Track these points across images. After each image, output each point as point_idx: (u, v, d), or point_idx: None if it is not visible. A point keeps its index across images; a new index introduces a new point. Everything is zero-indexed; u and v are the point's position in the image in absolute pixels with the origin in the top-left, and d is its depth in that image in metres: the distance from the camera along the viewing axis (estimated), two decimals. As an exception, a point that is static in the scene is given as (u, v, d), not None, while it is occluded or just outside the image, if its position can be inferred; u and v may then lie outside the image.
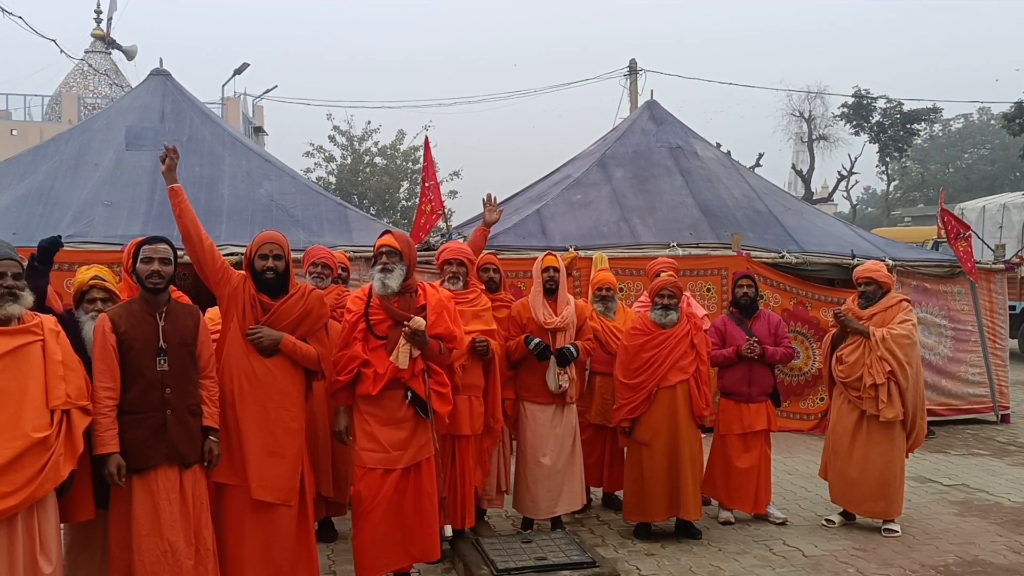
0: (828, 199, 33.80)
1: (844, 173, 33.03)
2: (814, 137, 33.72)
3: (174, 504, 3.74)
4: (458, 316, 4.70)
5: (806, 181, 32.38)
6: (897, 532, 5.68)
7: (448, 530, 4.56)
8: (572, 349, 5.40)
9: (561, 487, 5.45)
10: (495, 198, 5.95)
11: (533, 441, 5.46)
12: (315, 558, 4.31)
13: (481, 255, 5.72)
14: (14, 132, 24.22)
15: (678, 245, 9.23)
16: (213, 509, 3.99)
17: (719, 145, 14.13)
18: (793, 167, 34.90)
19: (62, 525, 3.63)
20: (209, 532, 3.88)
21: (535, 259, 5.75)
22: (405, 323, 4.30)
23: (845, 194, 35.57)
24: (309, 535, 4.29)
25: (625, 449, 5.82)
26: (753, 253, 9.23)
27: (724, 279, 8.94)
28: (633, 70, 18.50)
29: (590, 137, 12.93)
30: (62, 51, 18.71)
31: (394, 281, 4.39)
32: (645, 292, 6.44)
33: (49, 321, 3.55)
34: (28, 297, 3.48)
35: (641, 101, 15.04)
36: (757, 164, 28.40)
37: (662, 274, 5.80)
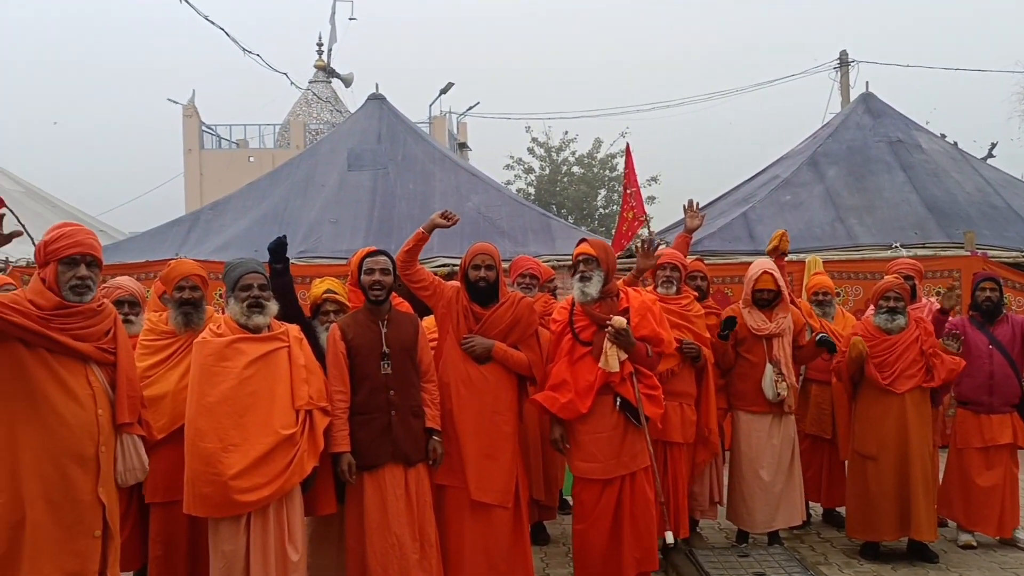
0: (1078, 190, 30.07)
1: (1097, 160, 29.29)
2: (1058, 122, 30.15)
3: (400, 501, 3.96)
4: (664, 319, 4.61)
5: (1050, 171, 29.04)
6: None
7: (669, 537, 4.48)
8: (828, 339, 5.16)
9: (779, 501, 5.22)
10: (697, 204, 5.83)
11: (749, 453, 5.27)
12: (530, 560, 4.40)
13: (690, 262, 5.62)
14: (251, 159, 26.79)
15: (901, 245, 8.63)
16: (435, 509, 4.19)
17: (944, 136, 13.06)
18: (1033, 156, 31.44)
19: (306, 518, 3.96)
20: (432, 528, 4.07)
21: (741, 264, 5.57)
22: (607, 323, 4.30)
23: (1099, 183, 31.53)
24: (524, 537, 4.38)
25: (847, 462, 5.49)
26: (990, 252, 8.44)
27: (955, 282, 8.21)
28: (844, 62, 17.46)
29: (795, 136, 12.37)
30: (292, 83, 20.51)
31: (593, 288, 4.39)
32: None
33: (294, 329, 3.89)
34: (273, 307, 3.84)
35: (854, 95, 14.19)
36: (990, 155, 25.81)
37: (887, 277, 5.43)
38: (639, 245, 5.77)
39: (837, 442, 5.65)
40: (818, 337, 5.18)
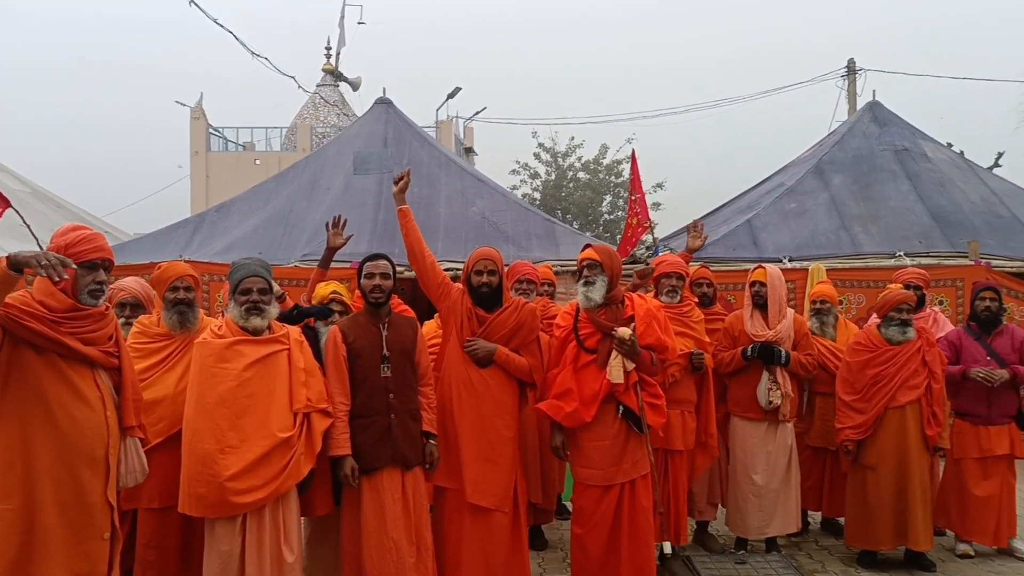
0: (1085, 200, 29.97)
1: (1105, 171, 29.21)
2: (1066, 132, 30.08)
3: (397, 504, 3.97)
4: (669, 326, 4.62)
5: (1057, 181, 28.93)
6: None
7: (667, 547, 4.49)
8: (781, 352, 5.15)
9: (774, 507, 5.23)
10: (701, 225, 5.86)
11: (744, 458, 5.29)
12: (527, 565, 4.40)
13: (695, 269, 5.65)
14: (257, 162, 26.91)
15: (905, 254, 8.61)
16: (435, 511, 4.19)
17: (950, 145, 13.03)
18: (1041, 166, 31.36)
19: (303, 519, 3.97)
20: (428, 531, 4.09)
21: (745, 271, 5.59)
22: (612, 332, 4.31)
23: (1107, 194, 31.44)
24: (522, 541, 4.39)
25: (847, 472, 5.49)
26: (994, 262, 8.41)
27: (959, 291, 8.20)
28: (851, 70, 17.43)
29: (801, 144, 12.36)
30: (300, 86, 20.59)
31: (596, 293, 4.39)
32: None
33: (295, 332, 3.91)
34: (272, 310, 3.85)
35: (861, 103, 14.19)
36: (996, 164, 25.76)
37: (891, 286, 5.43)
38: (689, 225, 5.81)
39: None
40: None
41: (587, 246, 4.61)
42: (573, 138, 30.91)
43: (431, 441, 4.12)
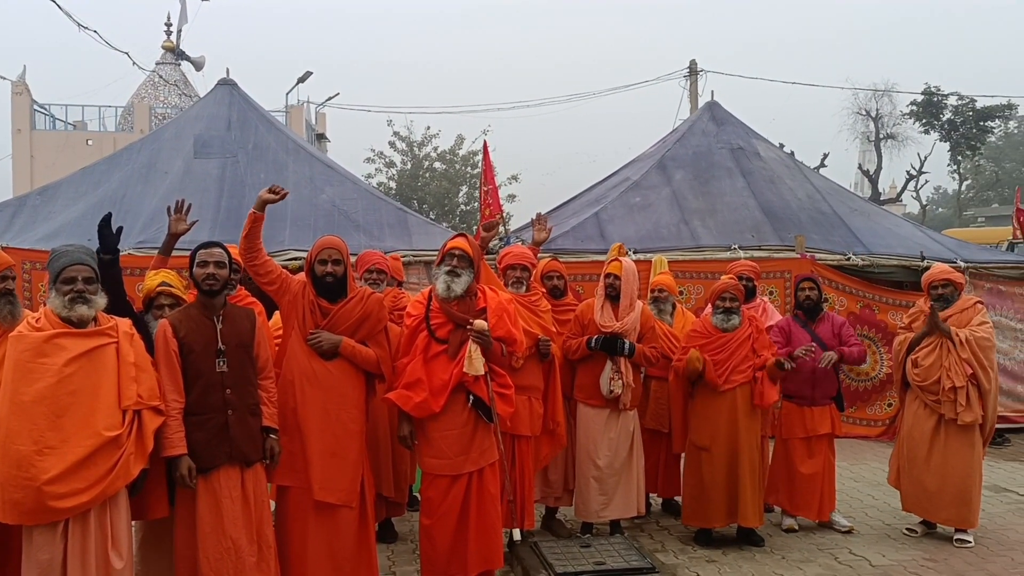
0: (896, 200, 32.98)
1: (913, 173, 32.17)
2: (881, 136, 32.87)
3: (236, 503, 3.81)
4: (518, 318, 4.68)
5: (873, 181, 31.57)
6: (970, 543, 5.49)
7: (516, 533, 4.54)
8: (625, 343, 5.29)
9: (614, 491, 5.38)
10: (545, 217, 5.94)
11: (586, 443, 5.42)
12: (375, 559, 4.36)
13: (546, 262, 5.73)
14: (90, 142, 25.18)
15: (739, 247, 9.08)
16: (277, 510, 4.06)
17: (782, 146, 13.89)
18: (859, 167, 34.10)
19: (135, 523, 3.74)
20: (270, 529, 3.96)
21: (593, 262, 5.70)
22: (469, 325, 4.30)
23: (914, 194, 34.64)
24: (369, 536, 4.33)
25: (683, 454, 5.76)
26: (817, 255, 9.03)
27: (787, 282, 8.77)
28: (693, 71, 18.29)
29: (649, 140, 12.80)
30: (134, 63, 19.39)
31: (459, 286, 4.38)
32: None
33: (124, 324, 3.64)
34: (100, 300, 3.58)
35: (702, 102, 14.87)
36: (822, 164, 27.81)
37: (724, 277, 5.72)
38: (533, 218, 5.84)
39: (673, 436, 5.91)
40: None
41: (460, 235, 4.57)
42: (429, 127, 30.86)
43: (272, 436, 3.98)
